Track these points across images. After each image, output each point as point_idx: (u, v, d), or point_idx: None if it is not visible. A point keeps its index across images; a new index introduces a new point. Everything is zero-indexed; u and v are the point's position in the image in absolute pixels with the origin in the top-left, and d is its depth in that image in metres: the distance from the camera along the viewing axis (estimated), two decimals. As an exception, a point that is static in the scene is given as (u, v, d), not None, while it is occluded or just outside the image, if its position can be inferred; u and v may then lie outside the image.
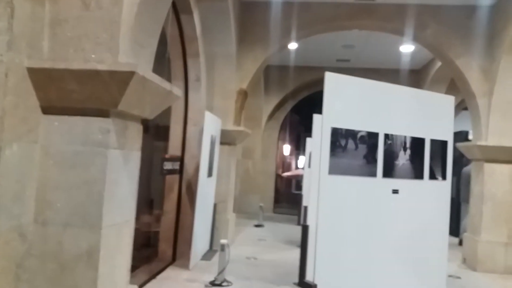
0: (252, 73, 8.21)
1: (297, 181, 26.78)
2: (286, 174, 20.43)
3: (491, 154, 7.24)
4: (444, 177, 3.75)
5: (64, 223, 2.94)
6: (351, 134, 3.23)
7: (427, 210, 3.66)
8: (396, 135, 3.45)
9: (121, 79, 2.80)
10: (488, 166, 7.34)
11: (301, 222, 10.43)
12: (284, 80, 12.78)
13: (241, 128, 7.99)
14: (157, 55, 3.46)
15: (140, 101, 3.15)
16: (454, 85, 10.10)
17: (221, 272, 5.53)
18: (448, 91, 10.32)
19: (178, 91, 3.65)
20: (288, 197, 20.08)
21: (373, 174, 3.32)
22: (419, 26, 7.68)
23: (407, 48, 10.45)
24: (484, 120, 7.39)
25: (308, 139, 10.92)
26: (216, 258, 6.91)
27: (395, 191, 3.43)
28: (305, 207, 8.21)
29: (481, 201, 7.29)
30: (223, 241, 5.64)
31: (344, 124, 3.19)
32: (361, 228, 3.27)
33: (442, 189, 3.76)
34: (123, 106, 2.96)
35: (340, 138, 3.17)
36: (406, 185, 3.49)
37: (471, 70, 7.56)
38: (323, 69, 13.03)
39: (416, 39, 8.21)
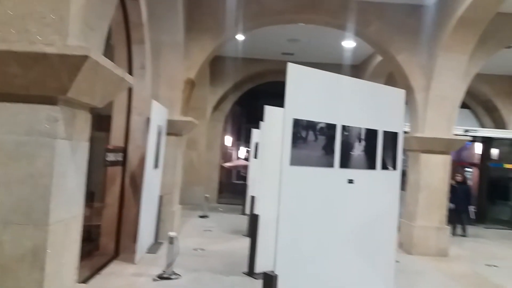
0: (200, 63, 8.04)
1: (238, 171, 27.01)
2: (227, 164, 20.46)
3: (427, 145, 7.70)
4: (394, 167, 3.91)
5: (4, 220, 2.68)
6: (311, 125, 3.24)
7: (379, 198, 3.80)
8: (352, 127, 3.52)
9: (72, 64, 2.58)
10: (424, 157, 7.80)
11: (247, 212, 10.49)
12: (230, 72, 12.68)
13: (188, 118, 7.81)
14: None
15: (91, 88, 2.93)
16: (391, 79, 10.62)
17: (169, 265, 5.39)
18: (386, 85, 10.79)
19: (131, 78, 3.45)
20: (231, 187, 20.09)
21: (330, 164, 3.37)
22: (362, 23, 7.93)
23: (348, 43, 10.78)
24: (421, 113, 7.83)
25: (254, 130, 10.99)
26: (162, 250, 6.76)
27: (351, 181, 3.52)
28: (252, 197, 8.24)
29: (417, 190, 7.74)
30: (171, 233, 5.50)
31: (305, 115, 3.20)
32: (319, 217, 3.32)
33: (393, 178, 3.92)
34: (72, 93, 2.73)
35: (301, 130, 3.18)
36: (361, 175, 3.59)
37: (411, 65, 7.96)
38: (268, 62, 13.18)
39: (359, 35, 8.47)
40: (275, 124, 5.87)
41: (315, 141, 3.28)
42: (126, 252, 6.46)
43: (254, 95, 14.03)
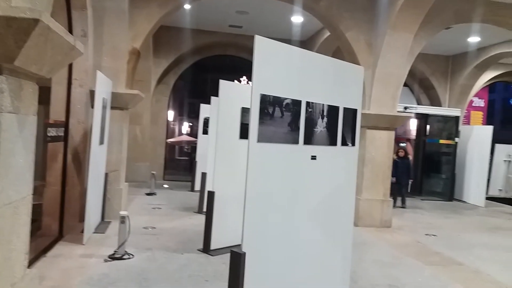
0: (146, 32, 7.62)
1: (181, 147, 26.59)
2: (171, 140, 20.03)
3: (372, 121, 7.97)
4: (353, 143, 3.97)
5: None
6: (278, 101, 3.17)
7: (339, 173, 3.86)
8: (315, 104, 3.50)
9: (21, 28, 2.28)
10: (369, 132, 8.08)
11: (196, 188, 10.35)
12: (175, 43, 12.20)
13: (134, 91, 7.43)
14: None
15: (40, 56, 2.63)
16: (337, 56, 10.77)
17: (121, 245, 5.18)
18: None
19: (82, 47, 3.17)
20: (175, 164, 19.74)
21: (295, 141, 3.34)
22: (313, -3, 7.90)
23: (297, 19, 10.76)
24: (368, 90, 8.05)
25: (202, 105, 10.76)
26: (110, 230, 6.49)
27: (313, 157, 3.52)
28: (203, 174, 8.12)
29: (363, 164, 8.03)
30: (123, 212, 5.27)
31: (272, 91, 3.11)
32: (285, 193, 3.31)
33: (351, 154, 3.98)
34: (20, 61, 2.44)
35: (268, 106, 3.09)
36: (323, 151, 3.60)
37: (359, 43, 8.11)
38: (215, 34, 12.81)
39: (309, 9, 8.44)
40: (230, 99, 5.75)
41: (281, 118, 3.22)
42: (72, 233, 6.13)
43: (199, 69, 13.67)
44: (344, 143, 3.85)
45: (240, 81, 13.79)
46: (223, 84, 5.62)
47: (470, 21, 8.82)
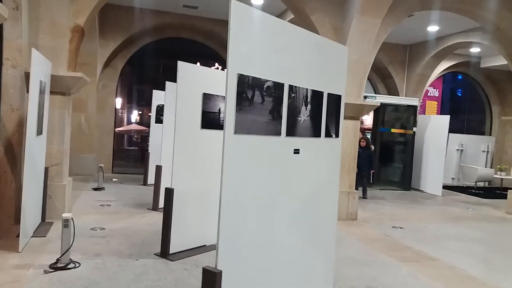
0: (91, 8, 6.71)
1: (130, 136, 25.30)
2: (119, 129, 18.91)
3: (339, 110, 7.59)
4: (337, 134, 3.51)
5: None
6: (257, 84, 2.61)
7: (323, 168, 3.40)
8: (299, 88, 2.98)
9: None
10: (335, 122, 7.69)
11: (149, 182, 9.60)
12: (124, 23, 11.20)
13: (78, 74, 6.54)
14: None
15: None
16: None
17: (65, 252, 4.44)
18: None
19: (5, 10, 2.43)
20: (124, 154, 18.64)
21: (277, 132, 2.82)
22: (278, -24, 7.36)
23: (257, 0, 10.17)
24: (334, 77, 7.65)
25: (155, 92, 9.95)
26: (52, 232, 5.68)
27: (297, 151, 3.01)
28: (158, 167, 7.42)
29: (328, 155, 7.66)
30: (66, 215, 4.50)
31: (251, 71, 2.55)
32: (265, 195, 2.80)
33: (335, 146, 3.53)
34: None
35: (247, 89, 2.53)
36: (306, 143, 3.10)
37: (324, 27, 7.67)
38: (167, 15, 11.91)
39: (272, -10, 7.90)
40: (190, 83, 5.11)
41: (262, 104, 2.67)
42: (6, 238, 5.26)
43: (150, 52, 12.69)
44: (328, 134, 3.38)
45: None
46: (182, 66, 4.95)
47: (434, 8, 8.66)
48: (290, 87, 2.89)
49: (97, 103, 11.47)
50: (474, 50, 13.22)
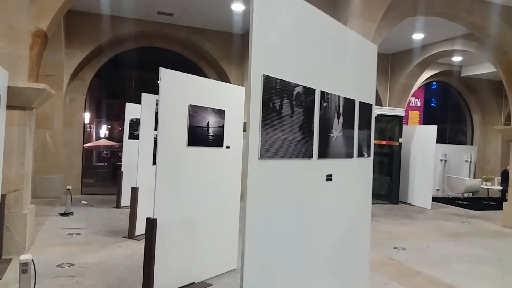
0: (55, 10, 5.92)
1: (99, 152, 24.04)
2: (87, 145, 17.79)
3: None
4: (369, 153, 2.87)
5: None
6: (286, 89, 1.93)
7: (355, 195, 2.77)
8: (331, 95, 2.32)
9: None
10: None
11: (123, 204, 8.71)
12: (92, 32, 10.35)
13: (41, 85, 5.68)
14: None
15: None
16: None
17: (23, 304, 3.57)
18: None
19: None
20: (93, 172, 17.48)
21: (309, 154, 2.14)
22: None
23: (238, 6, 9.56)
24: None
25: (128, 105, 9.12)
26: (9, 273, 4.76)
27: (329, 177, 2.34)
28: (134, 189, 6.59)
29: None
30: (24, 257, 3.64)
31: (278, 72, 1.86)
32: (293, 224, 2.10)
33: (368, 167, 2.88)
34: None
35: (274, 96, 1.84)
36: (338, 166, 2.43)
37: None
38: (140, 22, 11.11)
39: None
40: (174, 93, 4.37)
41: (291, 117, 1.99)
42: None
43: (121, 63, 11.82)
44: (360, 154, 2.73)
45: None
46: (165, 73, 4.22)
47: (427, 14, 8.30)
48: (322, 94, 2.23)
49: (64, 118, 10.49)
50: (456, 59, 13.06)
